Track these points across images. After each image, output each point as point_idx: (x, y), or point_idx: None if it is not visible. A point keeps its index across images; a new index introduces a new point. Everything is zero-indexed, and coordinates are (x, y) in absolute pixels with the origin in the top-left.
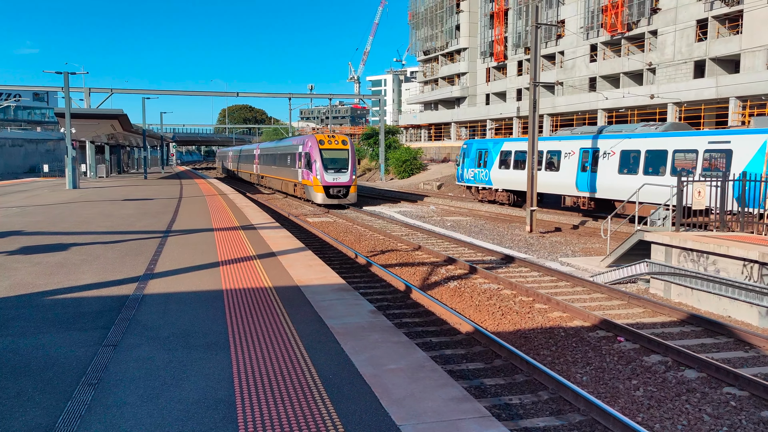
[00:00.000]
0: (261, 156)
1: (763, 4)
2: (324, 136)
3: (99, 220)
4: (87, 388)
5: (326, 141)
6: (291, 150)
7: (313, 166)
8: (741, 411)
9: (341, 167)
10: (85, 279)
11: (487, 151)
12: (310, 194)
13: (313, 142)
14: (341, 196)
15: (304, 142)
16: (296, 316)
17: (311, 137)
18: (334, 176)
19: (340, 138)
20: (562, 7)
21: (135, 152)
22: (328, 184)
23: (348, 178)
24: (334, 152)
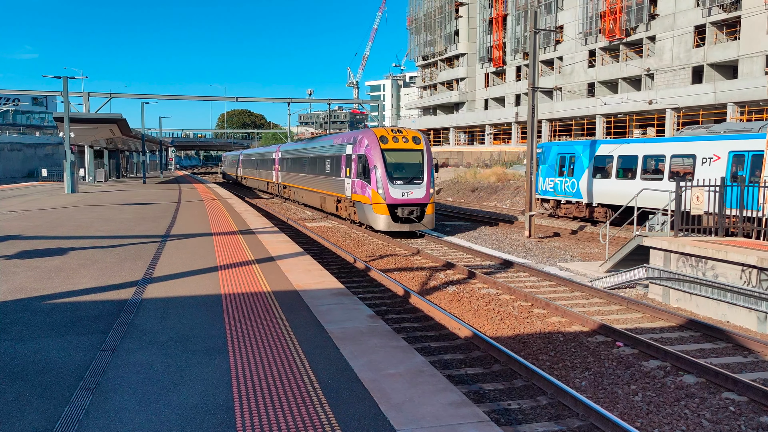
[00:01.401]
0: (284, 161)
1: (761, 11)
2: (385, 130)
3: (97, 225)
4: (85, 392)
5: (389, 138)
6: (334, 152)
7: (371, 175)
8: (740, 416)
9: (414, 176)
10: (83, 283)
11: (574, 156)
12: (365, 215)
13: (371, 140)
14: (414, 219)
15: (357, 140)
16: (295, 320)
17: (368, 132)
18: (404, 189)
19: (409, 133)
20: (560, 12)
21: (134, 157)
22: (395, 201)
23: (424, 193)
24: (403, 154)
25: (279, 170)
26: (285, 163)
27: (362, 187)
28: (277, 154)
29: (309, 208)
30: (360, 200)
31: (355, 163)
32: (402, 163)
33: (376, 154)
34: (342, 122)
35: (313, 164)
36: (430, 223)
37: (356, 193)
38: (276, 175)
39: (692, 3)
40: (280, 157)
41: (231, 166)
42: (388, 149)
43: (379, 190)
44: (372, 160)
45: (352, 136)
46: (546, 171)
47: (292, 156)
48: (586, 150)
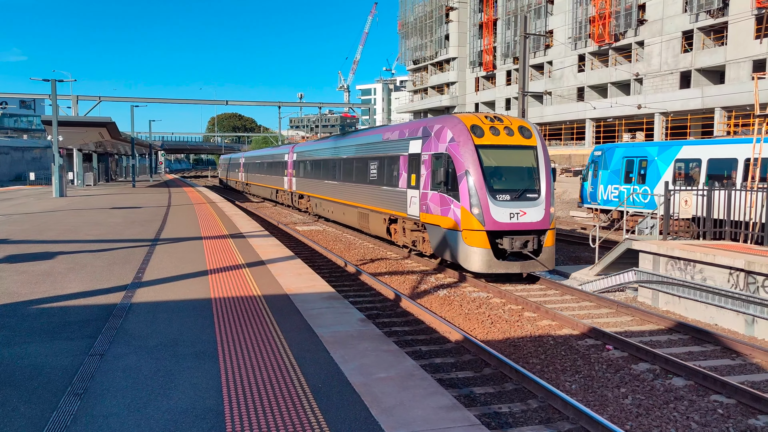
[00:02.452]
0: (301, 164)
1: (748, 17)
2: (477, 117)
3: (86, 229)
4: (73, 398)
5: (485, 128)
6: (385, 151)
7: (461, 186)
8: (728, 419)
9: (527, 188)
10: (71, 288)
11: (646, 160)
12: (448, 246)
13: (458, 131)
14: (528, 255)
15: (432, 132)
16: (285, 324)
17: (451, 121)
18: (513, 208)
19: (514, 122)
20: (550, 17)
21: (123, 160)
22: (500, 226)
23: (542, 214)
24: (509, 154)
25: (293, 176)
26: (302, 167)
27: (442, 203)
28: (290, 156)
29: (293, 210)
30: (437, 223)
31: (427, 167)
32: (508, 168)
33: (468, 152)
34: (333, 126)
35: (347, 168)
36: (549, 261)
37: (429, 211)
38: (289, 182)
39: (680, 9)
40: (296, 159)
41: (230, 171)
42: (485, 146)
43: (474, 209)
44: (461, 161)
45: (421, 127)
46: (608, 177)
47: (314, 158)
48: (664, 152)
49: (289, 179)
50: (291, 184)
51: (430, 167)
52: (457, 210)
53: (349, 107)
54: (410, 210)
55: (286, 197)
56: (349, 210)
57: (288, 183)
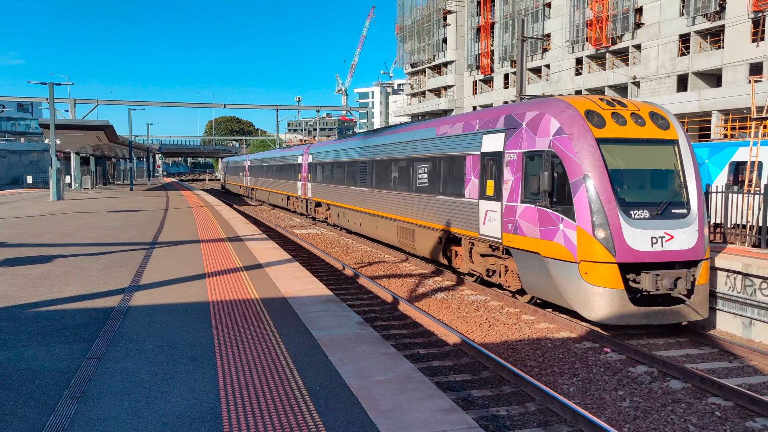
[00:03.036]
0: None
1: (744, 20)
2: (592, 101)
3: (84, 232)
4: (70, 401)
5: (605, 115)
6: (457, 146)
7: (577, 197)
8: (726, 421)
9: (672, 198)
10: (69, 291)
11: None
12: (561, 285)
13: (568, 120)
14: (679, 297)
15: (530, 123)
16: (283, 327)
17: (555, 105)
18: (654, 229)
19: (642, 108)
20: (547, 21)
21: (121, 164)
22: (637, 256)
23: (695, 236)
24: (642, 151)
25: (309, 180)
26: (321, 170)
27: (543, 222)
28: (304, 158)
29: (291, 213)
30: (534, 249)
31: (515, 170)
32: (642, 172)
33: (586, 149)
34: (330, 129)
35: (383, 172)
36: (703, 306)
37: (519, 232)
38: (304, 188)
39: (677, 12)
40: (312, 161)
41: (233, 174)
42: (609, 140)
43: (598, 232)
44: (575, 162)
45: (501, 117)
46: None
47: (336, 160)
48: (717, 154)
49: (304, 184)
50: (306, 190)
51: (521, 171)
52: (570, 232)
53: (347, 110)
54: (485, 228)
55: (299, 205)
56: (385, 223)
57: (302, 189)
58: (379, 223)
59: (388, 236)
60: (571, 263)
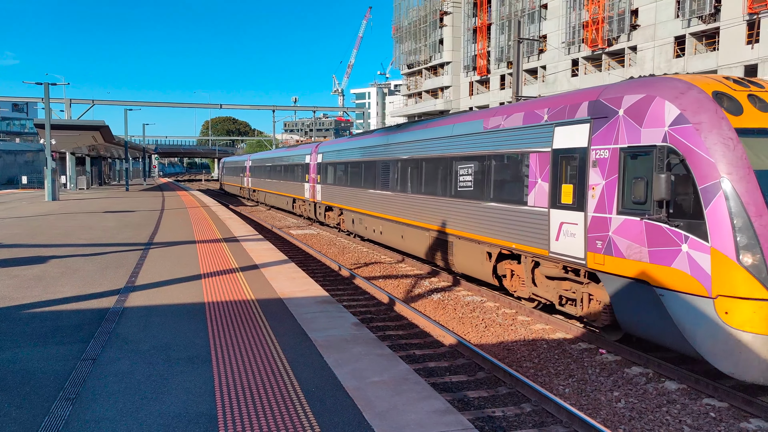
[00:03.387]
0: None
1: (739, 22)
2: (717, 81)
3: (79, 233)
4: (65, 402)
5: (740, 98)
6: (515, 141)
7: (710, 208)
8: (720, 422)
9: None
10: (64, 292)
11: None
12: (685, 327)
13: (693, 104)
14: None
15: (631, 109)
16: (279, 328)
17: (673, 86)
18: None
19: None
20: (544, 22)
21: (116, 164)
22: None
23: None
24: None
25: (318, 182)
26: (332, 171)
27: (654, 240)
28: (313, 157)
29: (287, 214)
30: (646, 277)
31: (607, 171)
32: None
33: (723, 143)
34: (327, 129)
35: (411, 173)
36: None
37: (614, 252)
38: (312, 190)
39: (672, 14)
40: (321, 161)
41: (232, 175)
42: (750, 131)
43: (744, 257)
44: (707, 161)
45: (583, 103)
46: None
47: (351, 160)
48: None
49: (312, 187)
50: (314, 193)
51: (617, 172)
52: (699, 255)
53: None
54: (558, 245)
55: (307, 209)
56: (415, 233)
57: (310, 191)
58: (405, 232)
59: (415, 247)
60: (703, 298)
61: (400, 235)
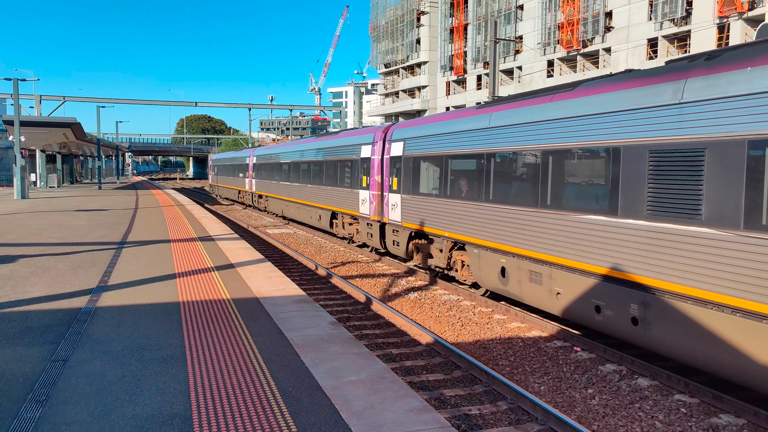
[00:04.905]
0: (446, 169)
1: (710, 25)
2: None
3: (49, 232)
4: (35, 405)
5: None
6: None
7: None
8: (691, 417)
9: None
10: (33, 292)
11: None
12: None
13: None
14: None
15: None
16: (255, 328)
17: None
18: None
19: None
20: (520, 23)
21: (89, 162)
22: None
23: None
24: None
25: (391, 190)
26: (425, 175)
27: None
28: (377, 150)
29: (269, 214)
30: None
31: None
32: None
33: None
34: (304, 128)
35: (580, 174)
36: None
37: None
38: (376, 203)
39: (645, 16)
40: (401, 154)
41: (228, 176)
42: None
43: None
44: None
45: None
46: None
47: (465, 151)
48: None
49: (377, 197)
50: (382, 207)
51: None
52: None
53: (321, 110)
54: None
55: (364, 231)
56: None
57: (372, 204)
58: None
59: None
60: None
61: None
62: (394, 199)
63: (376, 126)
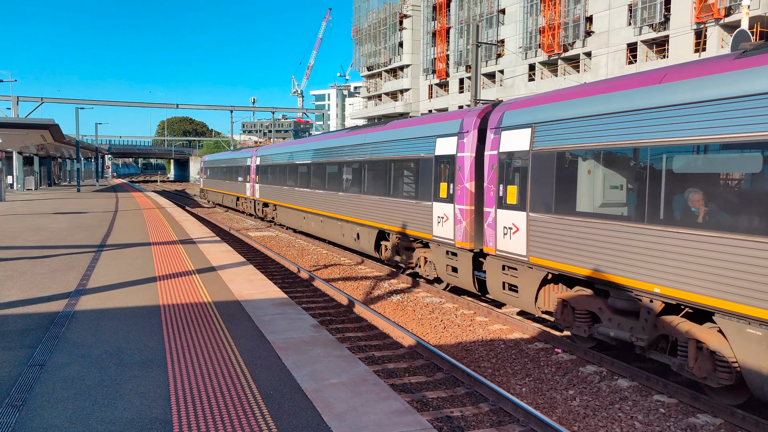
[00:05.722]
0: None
1: (687, 31)
2: None
3: (26, 234)
4: (11, 410)
5: None
6: None
7: None
8: (669, 417)
9: None
10: (9, 296)
11: None
12: None
13: None
14: None
15: None
16: (236, 331)
17: None
18: None
19: None
20: (502, 27)
21: (67, 164)
22: None
23: None
24: None
25: (497, 204)
26: (558, 180)
27: None
28: (462, 143)
29: (247, 216)
30: None
31: None
32: None
33: None
34: (286, 131)
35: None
36: None
37: None
38: (453, 223)
39: (625, 21)
40: (513, 150)
41: (225, 180)
42: None
43: None
44: None
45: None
46: None
47: (595, 146)
48: None
49: (468, 214)
50: (487, 230)
51: None
52: None
53: (303, 112)
54: None
55: (449, 266)
56: None
57: (450, 225)
58: None
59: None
60: None
61: None
62: (508, 219)
63: (461, 110)
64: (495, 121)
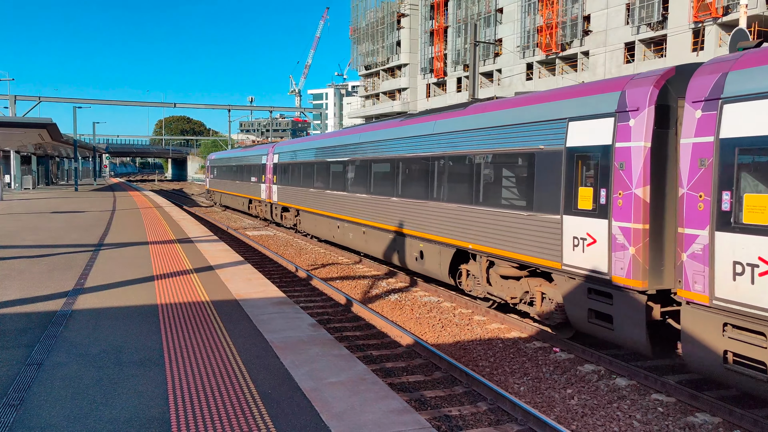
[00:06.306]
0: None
1: (685, 30)
2: None
3: (24, 234)
4: (8, 409)
5: None
6: None
7: None
8: (668, 416)
9: None
10: (7, 295)
11: None
12: None
13: None
14: None
15: None
16: (234, 330)
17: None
18: None
19: None
20: (499, 26)
21: (65, 163)
22: None
23: None
24: None
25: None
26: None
27: None
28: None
29: (250, 217)
30: None
31: None
32: None
33: None
34: (284, 130)
35: None
36: None
37: None
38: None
39: (622, 21)
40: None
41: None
42: None
43: None
44: None
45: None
46: None
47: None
48: None
49: (637, 235)
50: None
51: None
52: None
53: (301, 111)
54: None
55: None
56: None
57: (586, 253)
58: None
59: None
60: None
61: None
62: (747, 251)
63: (611, 79)
64: (704, 88)
